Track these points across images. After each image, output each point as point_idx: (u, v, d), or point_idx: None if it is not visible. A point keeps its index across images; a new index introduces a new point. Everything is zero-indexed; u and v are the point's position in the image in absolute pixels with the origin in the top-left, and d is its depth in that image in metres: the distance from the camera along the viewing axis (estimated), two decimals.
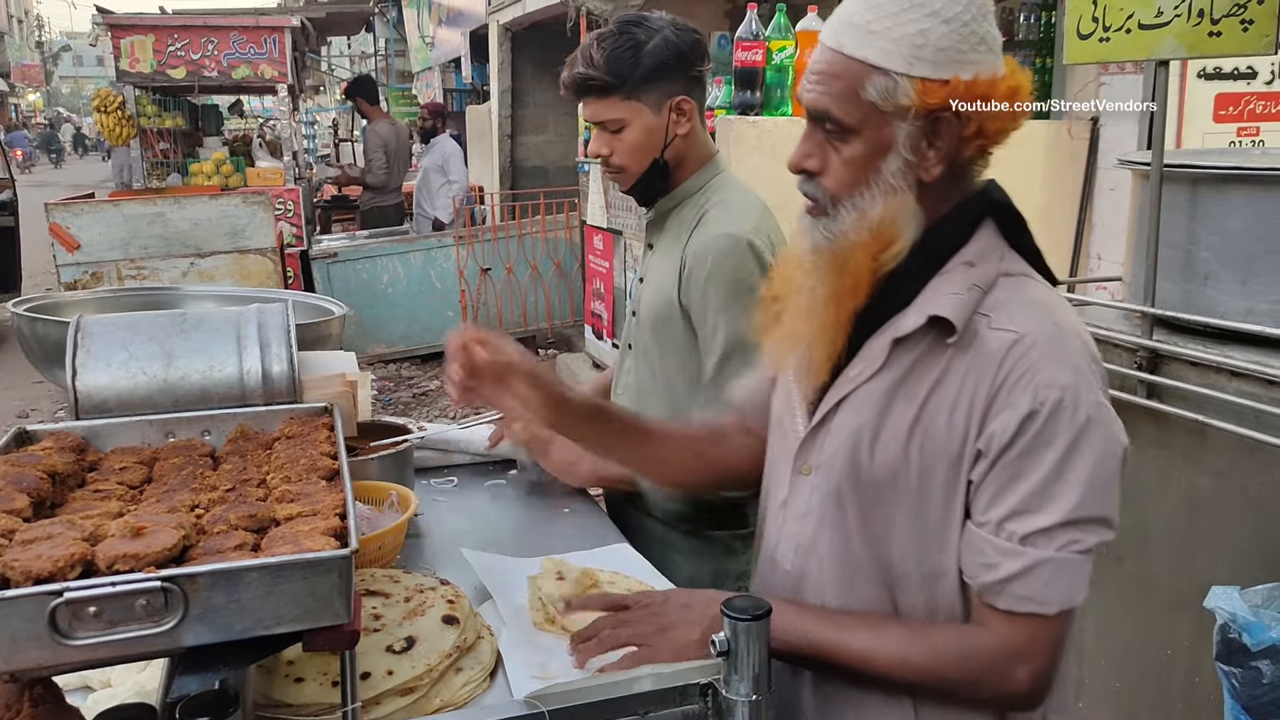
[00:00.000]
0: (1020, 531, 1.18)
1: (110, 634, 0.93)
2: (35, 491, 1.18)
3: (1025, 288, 1.25)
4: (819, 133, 1.24)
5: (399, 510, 1.71)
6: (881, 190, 1.22)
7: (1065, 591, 1.19)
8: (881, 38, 1.18)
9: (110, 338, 1.47)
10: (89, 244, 6.42)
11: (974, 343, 1.21)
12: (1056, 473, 1.17)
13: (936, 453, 1.23)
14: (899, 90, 1.18)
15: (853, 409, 1.28)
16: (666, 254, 1.97)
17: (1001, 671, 1.21)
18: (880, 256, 1.23)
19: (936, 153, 1.21)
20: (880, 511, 1.27)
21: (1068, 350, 1.19)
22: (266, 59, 7.84)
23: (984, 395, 1.20)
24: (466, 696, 1.29)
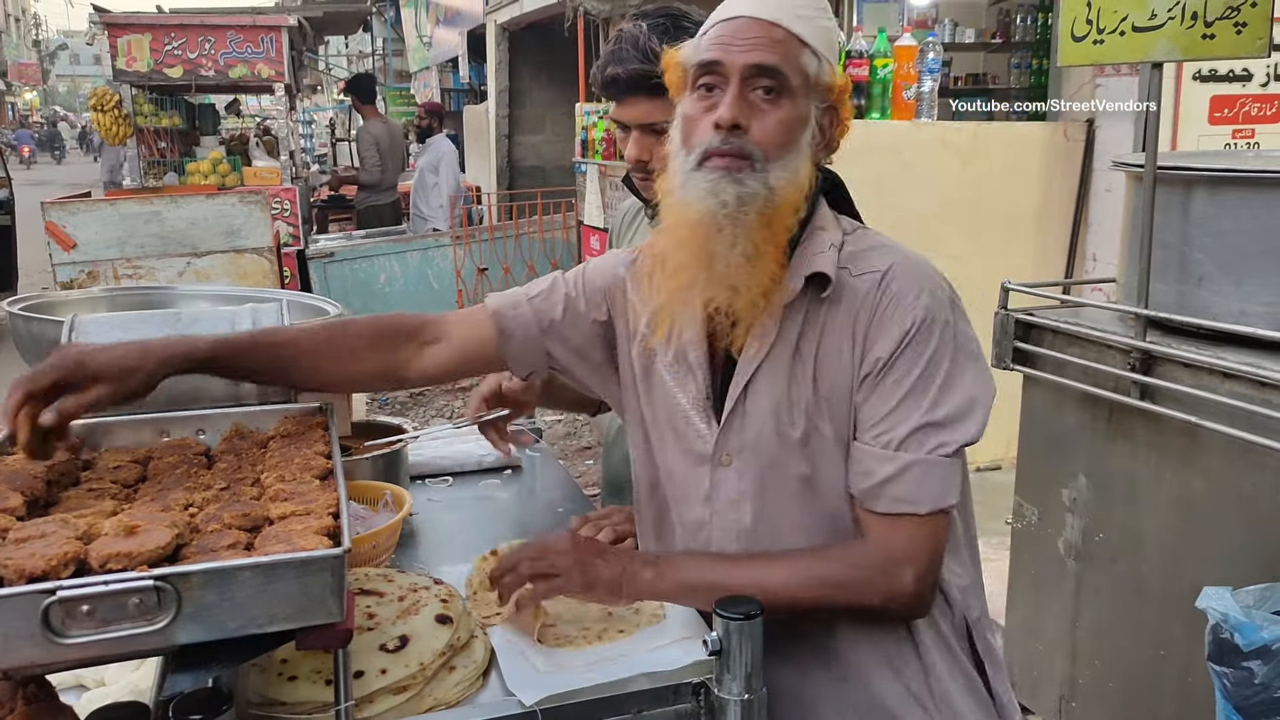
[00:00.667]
0: (893, 438, 1.29)
1: (103, 632, 0.94)
2: (29, 490, 1.19)
3: (867, 236, 1.40)
4: (750, 91, 1.29)
5: (393, 510, 1.71)
6: (800, 155, 1.32)
7: (935, 492, 1.29)
8: (809, 22, 1.31)
9: (104, 337, 1.47)
10: (85, 243, 6.42)
11: (843, 293, 1.33)
12: (923, 381, 1.29)
13: (839, 397, 1.33)
14: (822, 70, 1.31)
15: (764, 386, 1.36)
16: None
17: (887, 574, 1.30)
18: (794, 218, 1.32)
19: (823, 137, 1.35)
20: (815, 466, 1.35)
21: (920, 275, 1.32)
22: (263, 58, 7.84)
23: (862, 329, 1.32)
24: (459, 695, 1.29)
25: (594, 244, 6.61)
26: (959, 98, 5.49)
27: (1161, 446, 2.40)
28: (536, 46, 11.23)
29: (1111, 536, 2.58)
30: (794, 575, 1.32)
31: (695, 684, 1.28)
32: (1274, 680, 1.76)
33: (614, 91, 1.75)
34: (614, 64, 1.72)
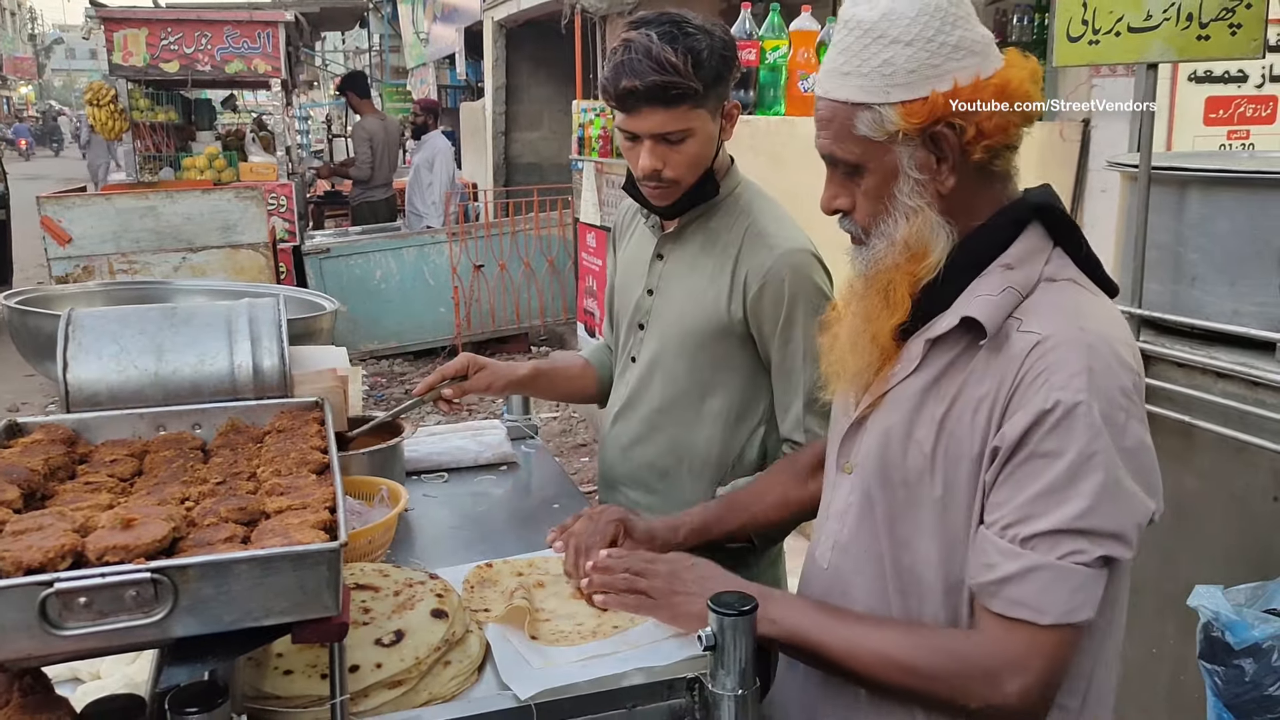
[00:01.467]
0: (1023, 534, 1.17)
1: (100, 624, 0.94)
2: (25, 483, 1.19)
3: (1064, 292, 1.25)
4: (837, 175, 1.31)
5: (389, 505, 1.71)
6: (902, 212, 1.26)
7: (1064, 602, 1.15)
8: (854, 76, 1.24)
9: (101, 331, 1.48)
10: (80, 237, 6.41)
11: (1003, 346, 1.22)
12: (1067, 478, 1.15)
13: (960, 454, 1.23)
14: (884, 119, 1.23)
15: (888, 408, 1.31)
16: (695, 266, 1.87)
17: (990, 679, 1.19)
18: (916, 272, 1.27)
19: (944, 165, 1.25)
20: (908, 513, 1.29)
21: (1088, 353, 1.17)
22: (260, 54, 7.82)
23: (1004, 396, 1.20)
24: (455, 689, 1.30)
25: (590, 241, 6.61)
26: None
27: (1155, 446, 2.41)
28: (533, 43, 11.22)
29: None
30: (888, 653, 1.24)
31: (689, 679, 1.28)
32: (1265, 678, 1.77)
33: (629, 104, 1.73)
34: (628, 76, 1.70)
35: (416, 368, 8.10)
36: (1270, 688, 1.76)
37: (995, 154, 1.26)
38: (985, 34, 1.24)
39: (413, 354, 8.35)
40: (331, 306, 2.10)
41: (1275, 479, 2.11)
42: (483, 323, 8.37)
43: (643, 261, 1.98)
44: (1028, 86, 1.23)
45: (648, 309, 1.95)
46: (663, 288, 1.93)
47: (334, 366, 1.61)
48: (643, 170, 1.79)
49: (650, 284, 1.96)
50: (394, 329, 8.17)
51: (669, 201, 1.85)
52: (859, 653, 1.26)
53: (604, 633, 1.41)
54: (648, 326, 1.95)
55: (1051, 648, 1.18)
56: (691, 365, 1.88)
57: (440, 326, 8.31)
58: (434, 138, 9.29)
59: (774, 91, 4.23)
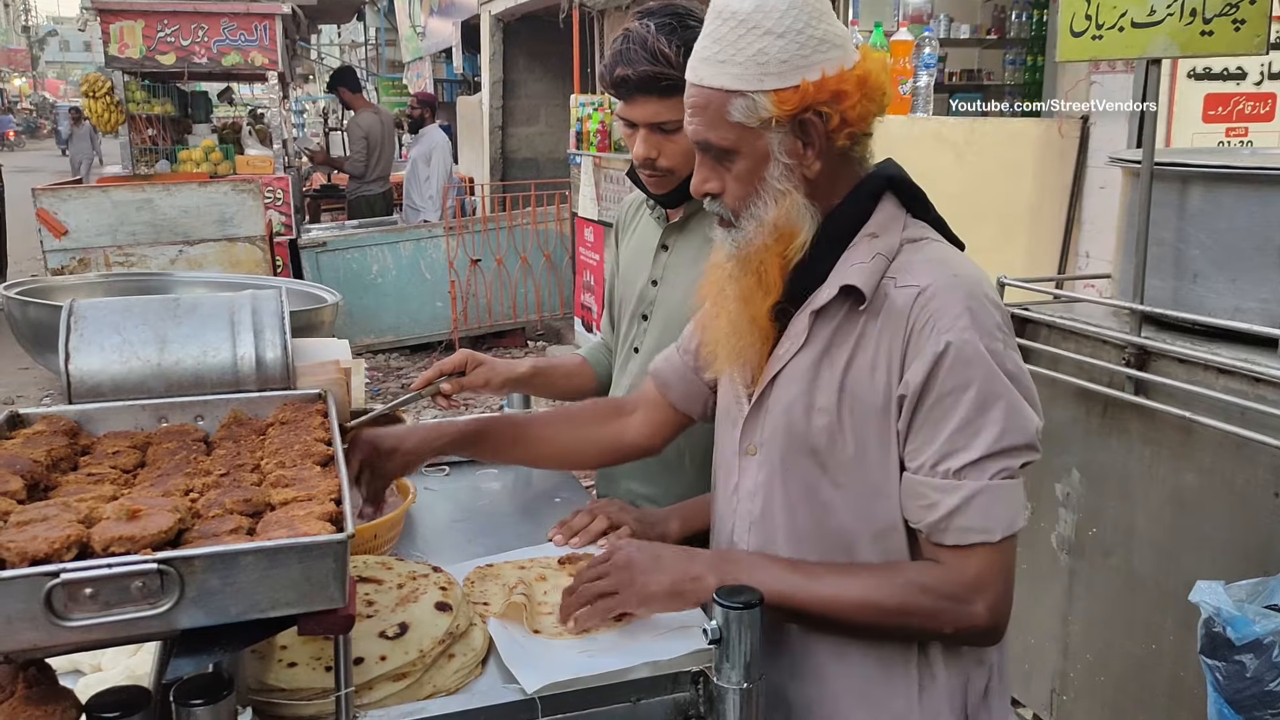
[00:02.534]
0: (953, 467, 1.27)
1: (106, 615, 0.94)
2: (29, 474, 1.18)
3: (926, 249, 1.36)
4: (709, 159, 1.36)
5: (398, 499, 1.71)
6: (771, 195, 1.33)
7: (1005, 517, 1.27)
8: (729, 64, 1.29)
9: (104, 322, 1.47)
10: (76, 230, 6.39)
11: (884, 304, 1.32)
12: (977, 408, 1.26)
13: (866, 411, 1.32)
14: (758, 106, 1.29)
15: (785, 384, 1.38)
16: (700, 256, 1.82)
17: (961, 604, 1.28)
18: (785, 253, 1.34)
19: (811, 150, 1.32)
20: (825, 477, 1.36)
21: (964, 295, 1.28)
22: (257, 46, 7.79)
23: (898, 347, 1.30)
24: (459, 682, 1.29)
25: (588, 236, 6.61)
26: (954, 94, 5.49)
27: (1155, 441, 2.42)
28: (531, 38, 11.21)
29: (1104, 531, 2.59)
30: (866, 599, 1.31)
31: (694, 673, 1.28)
32: (1265, 674, 1.77)
33: (623, 91, 1.76)
34: (622, 64, 1.73)
35: (413, 362, 8.08)
36: (1271, 683, 1.77)
37: (856, 140, 1.35)
38: (844, 30, 1.33)
39: (409, 348, 8.34)
40: (333, 299, 2.09)
41: (1276, 475, 2.11)
42: (479, 317, 8.36)
43: (647, 252, 1.99)
44: (884, 78, 1.32)
45: (652, 299, 1.96)
46: (667, 278, 1.93)
47: (337, 359, 1.60)
48: (637, 157, 1.83)
49: (655, 275, 1.96)
50: (390, 323, 8.16)
51: (665, 190, 1.87)
52: (840, 603, 1.32)
53: (606, 625, 1.41)
54: (651, 317, 1.96)
55: (1004, 559, 1.29)
56: None
57: (437, 321, 8.30)
58: (431, 131, 9.27)
59: None
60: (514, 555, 1.67)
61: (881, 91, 1.32)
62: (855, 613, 1.32)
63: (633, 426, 1.71)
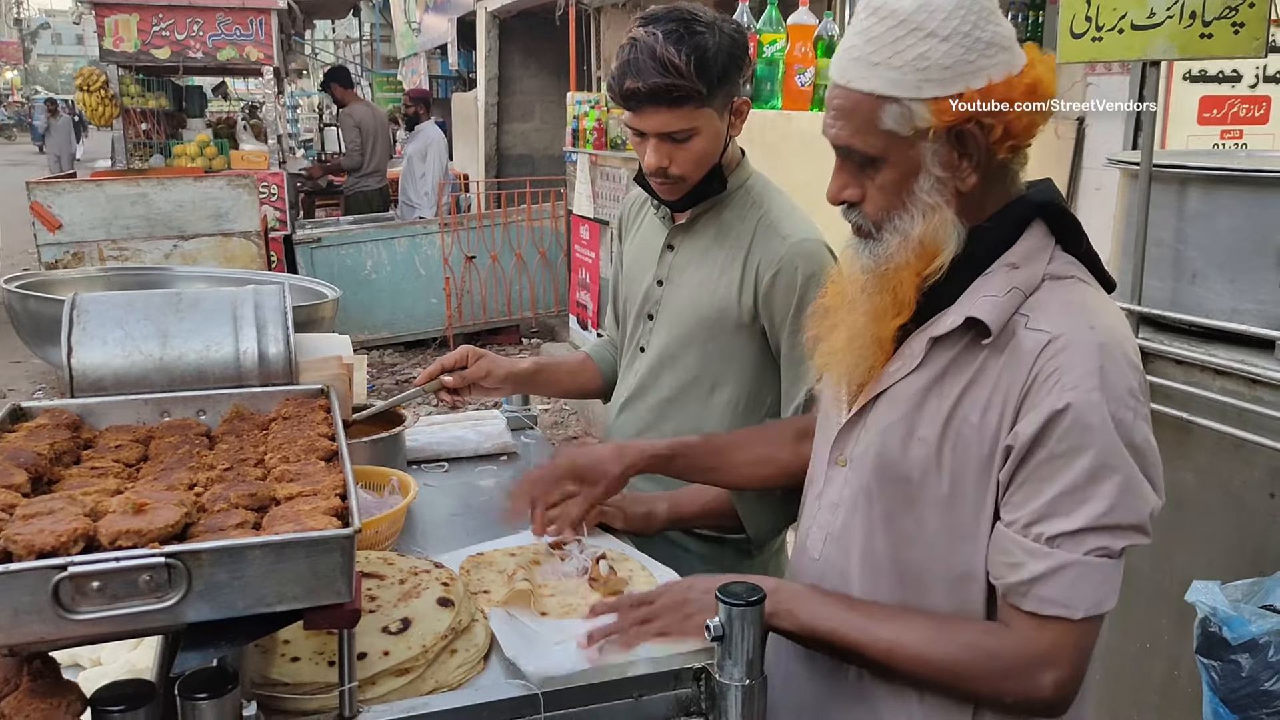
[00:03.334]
0: (1048, 533, 1.17)
1: (113, 609, 0.94)
2: (33, 467, 1.18)
3: (1069, 290, 1.24)
4: (850, 165, 1.27)
5: (399, 495, 1.71)
6: (919, 209, 1.23)
7: (1092, 596, 1.17)
8: (884, 68, 1.19)
9: (106, 316, 1.46)
10: (71, 224, 6.36)
11: (1010, 343, 1.21)
12: (1088, 477, 1.16)
13: (968, 452, 1.23)
14: (914, 115, 1.19)
15: (888, 404, 1.30)
16: (706, 256, 1.88)
17: (1026, 675, 1.20)
18: (924, 271, 1.25)
19: (968, 163, 1.22)
20: (910, 510, 1.28)
21: (1099, 353, 1.17)
22: (252, 41, 7.77)
23: (1015, 395, 1.20)
24: (461, 678, 1.29)
25: (583, 233, 6.60)
26: None
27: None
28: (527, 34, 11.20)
29: None
30: (927, 652, 1.24)
31: (696, 669, 1.28)
32: (1261, 673, 1.78)
33: (633, 104, 1.74)
34: (631, 76, 1.71)
35: (408, 359, 8.08)
36: (1266, 683, 1.78)
37: (1016, 152, 1.25)
38: (1011, 29, 1.22)
39: (404, 344, 8.33)
40: (333, 295, 2.09)
41: (1273, 476, 2.12)
42: (474, 314, 8.35)
43: (653, 252, 1.99)
44: (1052, 84, 1.22)
45: (657, 299, 1.96)
46: (673, 278, 1.94)
47: (338, 354, 1.60)
48: (649, 167, 1.80)
49: (660, 274, 1.96)
50: (385, 319, 8.15)
51: (677, 197, 1.87)
52: (898, 653, 1.25)
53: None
54: (657, 316, 1.96)
55: (1081, 639, 1.20)
56: (701, 355, 1.88)
57: (431, 317, 8.29)
58: (427, 128, 9.26)
59: (771, 85, 4.22)
60: (504, 543, 1.67)
61: (1051, 98, 1.22)
62: (914, 665, 1.25)
63: (806, 449, 1.58)
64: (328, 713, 1.17)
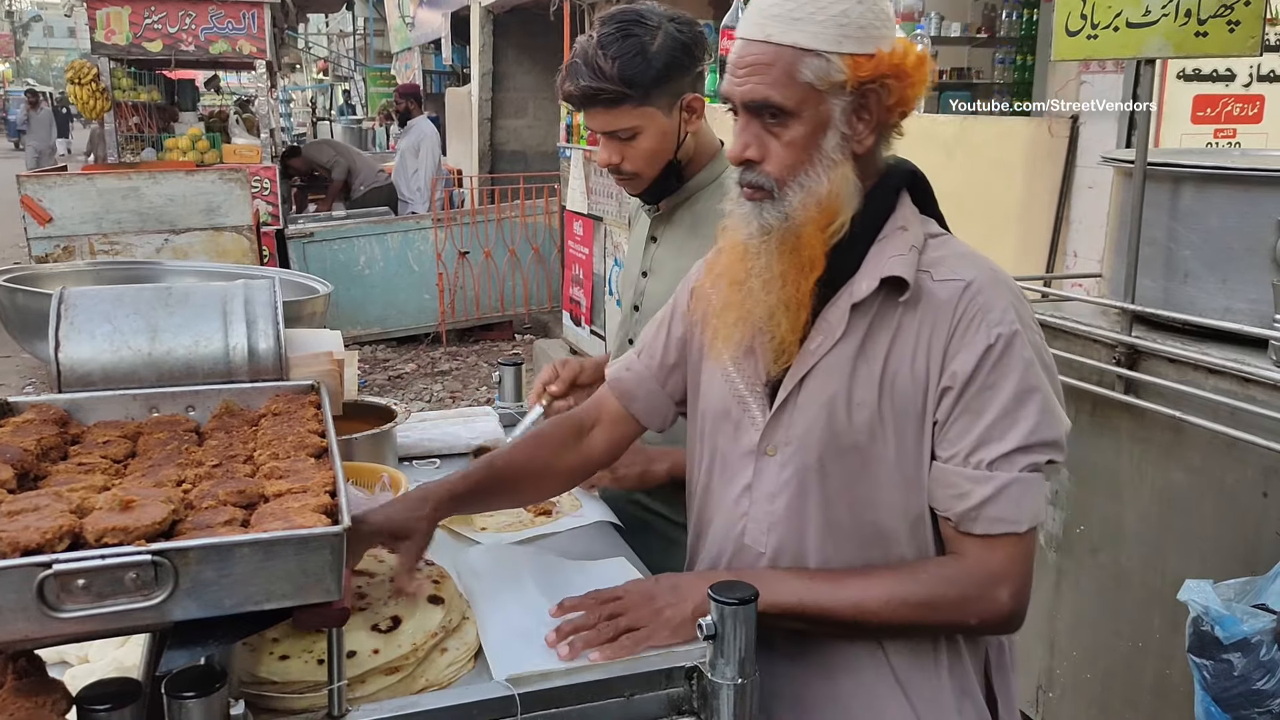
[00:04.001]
0: (987, 458, 1.26)
1: (99, 607, 0.93)
2: (19, 463, 1.17)
3: (952, 243, 1.36)
4: (755, 123, 1.30)
5: (390, 492, 1.70)
6: (824, 166, 1.28)
7: (1032, 509, 1.27)
8: (807, 22, 1.24)
9: (94, 310, 1.45)
10: (61, 217, 6.33)
11: (922, 297, 1.30)
12: (1015, 401, 1.26)
13: (906, 404, 1.30)
14: (832, 68, 1.25)
15: (821, 379, 1.33)
16: (683, 248, 1.90)
17: (986, 593, 1.28)
18: (829, 229, 1.30)
19: (866, 125, 1.29)
20: (866, 473, 1.33)
21: (1007, 290, 1.30)
22: (245, 34, 7.74)
23: (941, 339, 1.29)
24: (452, 677, 1.29)
25: (577, 229, 6.59)
26: (944, 92, 5.49)
27: (1144, 440, 2.42)
28: (521, 30, 11.17)
29: (1093, 529, 2.60)
30: (892, 596, 1.30)
31: (688, 668, 1.27)
32: (1253, 672, 1.78)
33: (572, 104, 1.84)
34: (569, 79, 1.78)
35: (400, 354, 8.06)
36: (1258, 682, 1.78)
37: (896, 125, 1.33)
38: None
39: (396, 340, 8.31)
40: (324, 290, 2.08)
41: (1265, 475, 2.12)
42: (466, 310, 8.34)
43: (640, 244, 2.03)
44: (928, 69, 1.30)
45: (642, 290, 1.99)
46: (655, 269, 1.97)
47: (329, 350, 1.58)
48: (601, 163, 1.88)
49: (645, 266, 2.00)
50: (378, 315, 8.13)
51: (636, 191, 1.92)
52: (866, 604, 1.30)
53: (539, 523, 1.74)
54: (641, 308, 1.99)
55: (1027, 550, 1.30)
56: None
57: (424, 313, 8.28)
58: (419, 123, 9.23)
59: None
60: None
61: (925, 80, 1.29)
62: (883, 610, 1.30)
63: (596, 444, 1.61)
64: (316, 711, 1.16)
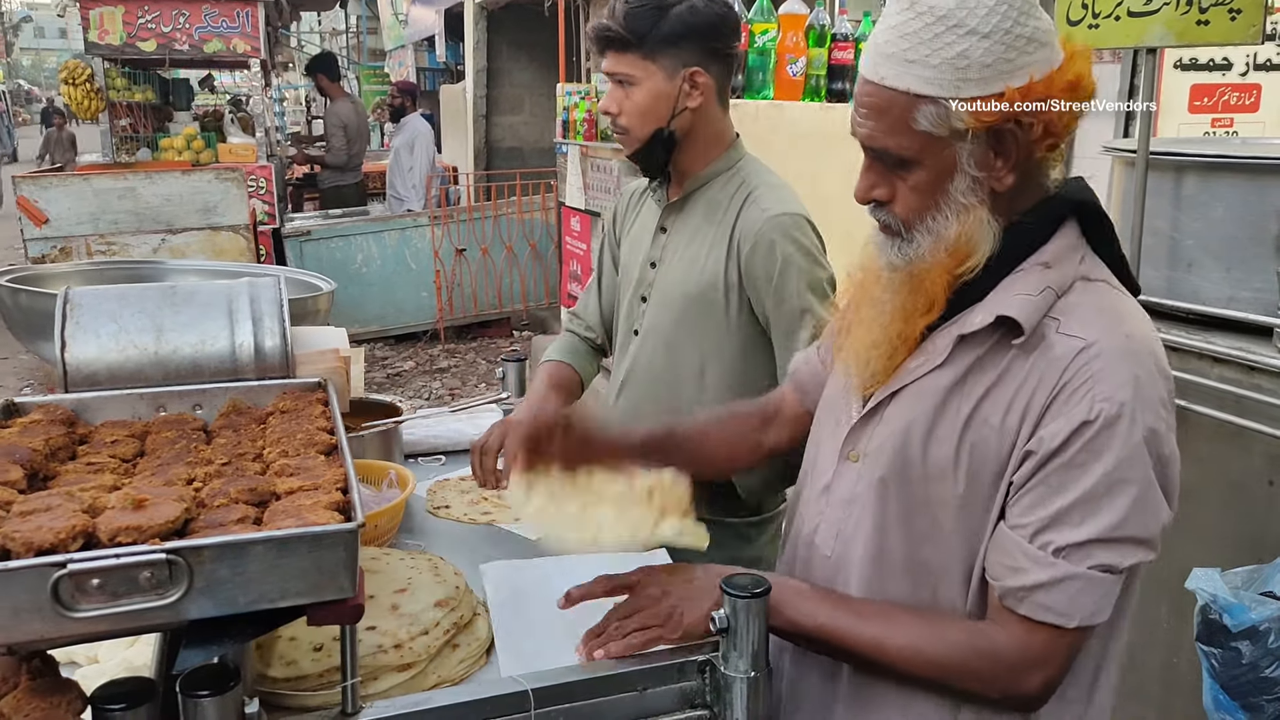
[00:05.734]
0: (1055, 543, 1.15)
1: (113, 606, 0.92)
2: (28, 463, 1.16)
3: (1101, 294, 1.22)
4: (879, 165, 1.22)
5: (398, 489, 1.69)
6: (953, 210, 1.19)
7: (1089, 608, 1.16)
8: (920, 65, 1.14)
9: (99, 310, 1.45)
10: (57, 218, 6.31)
11: (1039, 346, 1.18)
12: (1104, 488, 1.14)
13: (986, 454, 1.21)
14: (951, 115, 1.14)
15: (908, 401, 1.26)
16: (696, 235, 1.93)
17: (1015, 675, 1.20)
18: (957, 270, 1.21)
19: (1005, 162, 1.18)
20: (926, 508, 1.25)
21: (1134, 363, 1.15)
22: (239, 33, 7.70)
23: (1041, 399, 1.17)
24: (464, 673, 1.29)
25: (574, 225, 6.58)
26: None
27: None
28: (515, 26, 11.15)
29: None
30: (914, 647, 1.23)
31: (700, 661, 1.27)
32: (1261, 660, 1.78)
33: (592, 45, 1.93)
34: (596, 23, 1.89)
35: (398, 352, 8.05)
36: (1267, 669, 1.78)
37: (1053, 151, 1.20)
38: (1051, 23, 1.17)
39: (394, 338, 8.30)
40: (328, 287, 2.08)
41: (1271, 463, 2.12)
42: (465, 307, 8.33)
43: (647, 235, 2.03)
44: (1091, 79, 1.17)
45: (651, 281, 1.99)
46: (665, 259, 1.97)
47: (335, 347, 1.58)
48: (603, 108, 1.95)
49: (654, 256, 1.99)
50: (375, 313, 8.12)
51: (628, 151, 1.96)
52: (885, 647, 1.24)
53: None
54: (650, 298, 1.98)
55: (1073, 644, 1.19)
56: (693, 334, 1.91)
57: (422, 310, 8.27)
58: (413, 120, 9.20)
59: (762, 75, 4.20)
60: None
61: (1090, 95, 1.16)
62: (899, 658, 1.23)
63: (773, 434, 1.59)
64: (330, 709, 1.16)
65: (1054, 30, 1.17)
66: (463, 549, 1.65)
